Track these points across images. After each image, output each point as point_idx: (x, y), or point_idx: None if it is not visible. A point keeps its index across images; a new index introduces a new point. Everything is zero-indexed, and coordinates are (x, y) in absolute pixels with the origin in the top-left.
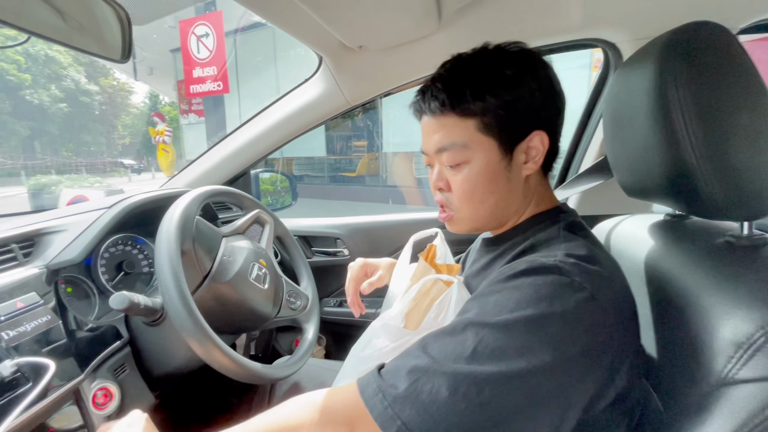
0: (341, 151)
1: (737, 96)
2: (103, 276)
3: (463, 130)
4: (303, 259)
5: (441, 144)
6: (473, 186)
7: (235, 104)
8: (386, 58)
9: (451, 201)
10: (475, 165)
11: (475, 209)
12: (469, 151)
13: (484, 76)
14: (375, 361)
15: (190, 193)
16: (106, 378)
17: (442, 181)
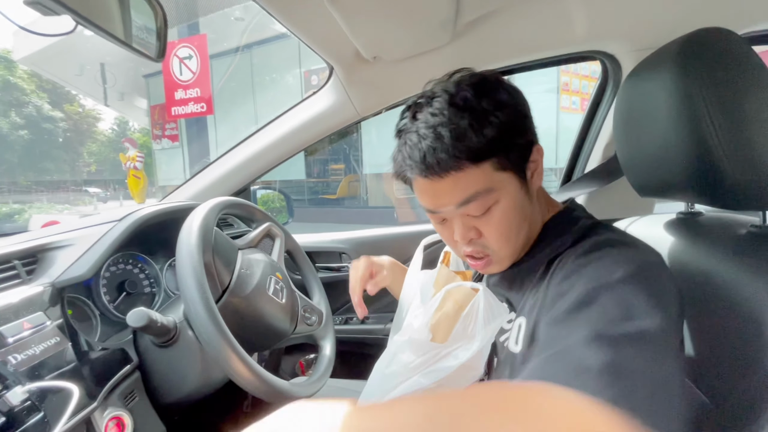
0: (319, 174)
1: (755, 91)
2: (104, 296)
3: (482, 175)
4: (314, 273)
5: (464, 197)
6: (509, 223)
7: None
8: (397, 69)
9: (487, 245)
10: (503, 202)
11: (513, 244)
12: (495, 192)
13: (477, 112)
14: (401, 377)
15: (207, 204)
16: (117, 406)
17: (471, 230)
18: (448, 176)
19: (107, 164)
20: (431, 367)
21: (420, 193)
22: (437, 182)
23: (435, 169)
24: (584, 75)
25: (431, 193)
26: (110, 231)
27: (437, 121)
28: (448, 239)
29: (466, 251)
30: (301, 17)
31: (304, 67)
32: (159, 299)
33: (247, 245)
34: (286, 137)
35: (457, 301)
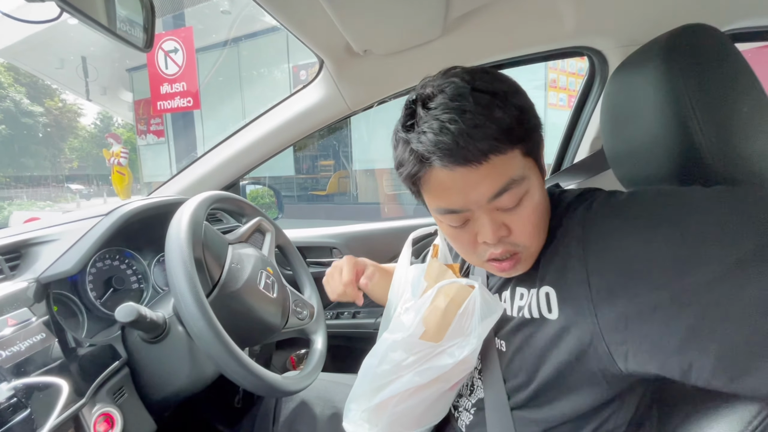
0: (309, 170)
1: (736, 87)
2: (91, 293)
3: (516, 161)
4: (305, 268)
5: (500, 186)
6: (538, 214)
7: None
8: (388, 63)
9: (517, 242)
10: (533, 192)
11: (541, 238)
12: (527, 181)
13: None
14: (393, 375)
15: (196, 198)
16: (106, 403)
17: (501, 227)
18: (487, 162)
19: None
20: (425, 365)
21: (441, 191)
22: (471, 171)
23: (473, 154)
24: (571, 72)
25: (460, 185)
26: (97, 226)
27: (462, 105)
28: (467, 244)
29: (493, 253)
30: (291, 9)
31: (293, 62)
32: (147, 295)
33: (238, 240)
34: (275, 132)
35: (448, 296)
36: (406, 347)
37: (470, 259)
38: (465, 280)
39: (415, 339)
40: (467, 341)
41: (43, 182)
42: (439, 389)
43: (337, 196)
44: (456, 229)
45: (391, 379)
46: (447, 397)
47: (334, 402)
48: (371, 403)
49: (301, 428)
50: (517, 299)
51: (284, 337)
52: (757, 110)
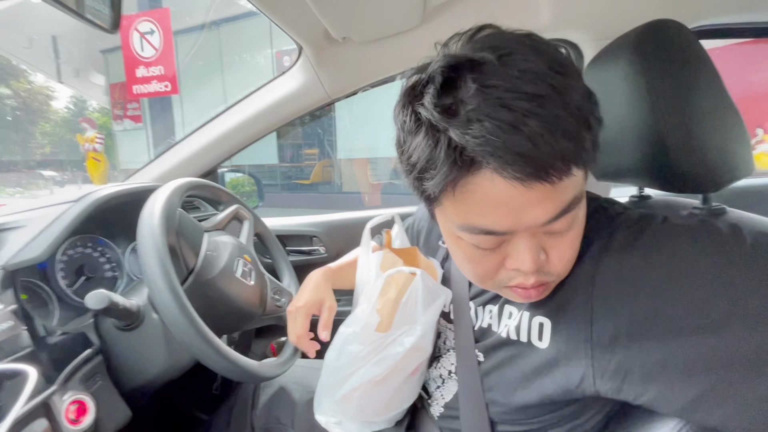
0: (292, 159)
1: (699, 83)
2: (62, 281)
3: (580, 178)
4: (284, 256)
5: (561, 208)
6: (579, 239)
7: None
8: (368, 51)
9: (552, 272)
10: (581, 213)
11: (571, 266)
12: (584, 199)
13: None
14: (353, 367)
15: (170, 184)
16: (78, 390)
17: (541, 253)
18: (563, 180)
19: (63, 146)
20: (380, 355)
21: (485, 207)
22: (537, 187)
23: (553, 166)
24: None
25: (517, 203)
26: (66, 212)
27: (539, 90)
28: (490, 269)
29: (527, 283)
30: None
31: (276, 47)
32: (122, 283)
33: (214, 227)
34: (254, 118)
35: (398, 285)
36: (360, 339)
37: (485, 283)
38: (408, 268)
39: (370, 330)
40: (414, 329)
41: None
42: (399, 377)
43: (321, 185)
44: (481, 251)
45: (351, 371)
46: (411, 382)
47: (312, 388)
48: (337, 395)
49: (280, 414)
50: (505, 317)
51: (262, 325)
52: (718, 106)
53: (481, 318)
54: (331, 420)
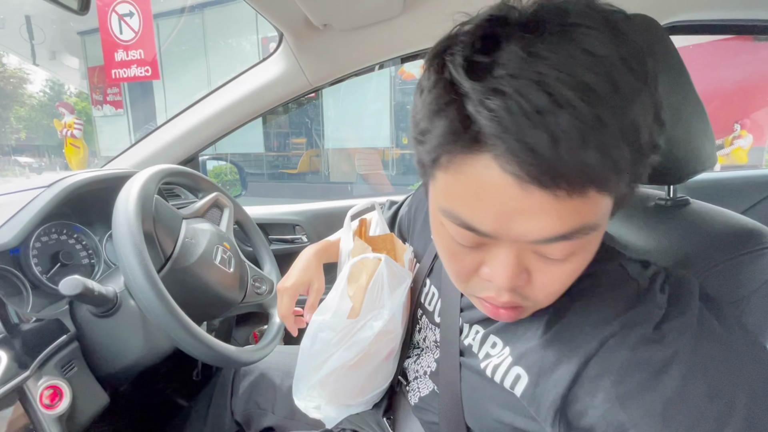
0: (279, 148)
1: (666, 78)
2: (36, 267)
3: (600, 205)
4: (265, 244)
5: (564, 231)
6: (574, 276)
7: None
8: (350, 39)
9: (530, 297)
10: (591, 248)
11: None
12: (596, 233)
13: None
14: (325, 354)
15: (147, 171)
16: (53, 375)
17: (523, 274)
18: (579, 198)
19: (40, 131)
20: (351, 340)
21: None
22: (534, 197)
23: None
24: None
25: (512, 206)
26: (37, 197)
27: (598, 84)
28: (465, 269)
29: (498, 299)
30: None
31: (262, 33)
32: (99, 270)
33: (193, 215)
34: (235, 105)
35: (368, 272)
36: (331, 326)
37: (458, 284)
38: (373, 255)
39: (341, 317)
40: (381, 313)
41: None
42: (373, 361)
43: (308, 175)
44: (459, 247)
45: (324, 357)
46: (386, 366)
47: (292, 374)
48: (314, 380)
49: (260, 399)
50: (488, 345)
51: (242, 312)
52: (684, 101)
53: (466, 333)
54: (309, 405)
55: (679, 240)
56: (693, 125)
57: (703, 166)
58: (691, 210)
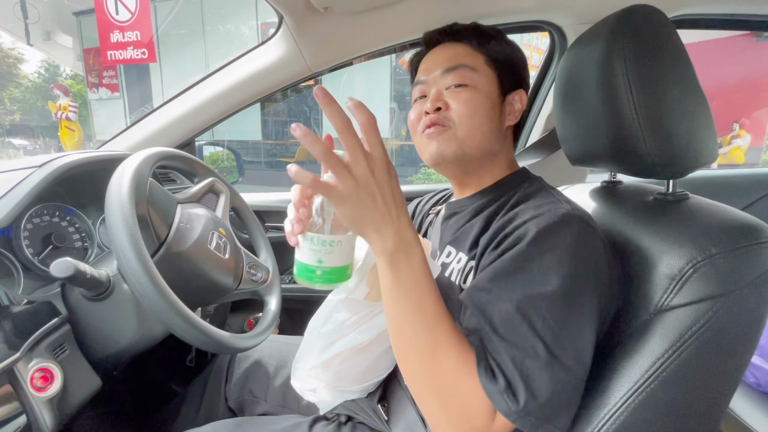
0: (277, 136)
1: (671, 70)
2: (27, 249)
3: (474, 58)
4: (261, 231)
5: (452, 63)
6: (476, 106)
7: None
8: (351, 23)
9: (449, 117)
10: (479, 90)
11: (473, 128)
12: (477, 76)
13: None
14: (338, 335)
15: (141, 153)
16: (44, 358)
17: (440, 101)
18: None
19: (35, 113)
20: (366, 324)
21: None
22: (439, 49)
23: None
24: (543, 50)
25: (430, 58)
26: (28, 178)
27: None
28: (416, 118)
29: (428, 120)
30: None
31: (262, 19)
32: (92, 253)
33: (188, 200)
34: (233, 89)
35: None
36: (349, 307)
37: (415, 134)
38: None
39: (359, 299)
40: None
41: None
42: (380, 347)
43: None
44: (416, 102)
45: (335, 338)
46: (390, 353)
47: (287, 362)
48: (317, 361)
49: (254, 387)
50: (444, 256)
51: (236, 298)
52: (687, 94)
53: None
54: (306, 386)
55: (678, 233)
56: (695, 119)
57: (703, 160)
58: (690, 204)
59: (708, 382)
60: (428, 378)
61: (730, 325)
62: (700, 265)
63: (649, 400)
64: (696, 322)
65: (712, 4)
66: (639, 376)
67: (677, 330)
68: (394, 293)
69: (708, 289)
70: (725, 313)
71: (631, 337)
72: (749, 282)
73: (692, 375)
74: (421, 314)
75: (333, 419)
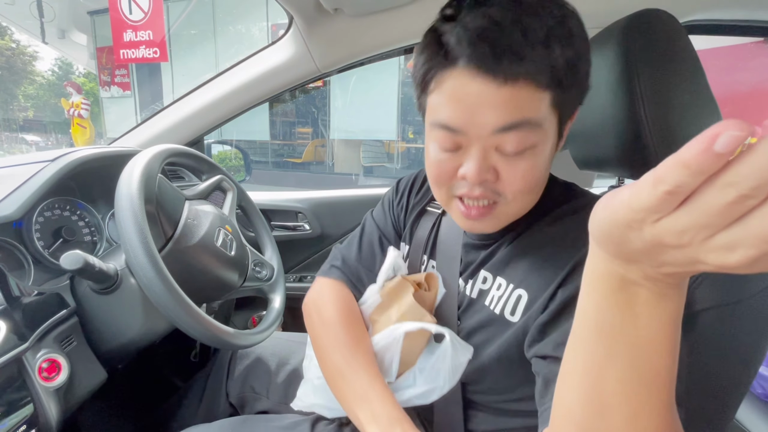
0: (285, 137)
1: (682, 76)
2: (38, 242)
3: (539, 103)
4: (267, 229)
5: (510, 119)
6: (537, 174)
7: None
8: (359, 25)
9: (500, 192)
10: (542, 149)
11: (528, 201)
12: (541, 132)
13: (557, 18)
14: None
15: (151, 150)
16: (52, 349)
17: (490, 171)
18: (514, 84)
19: (48, 110)
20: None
21: (450, 100)
22: (493, 87)
23: (508, 68)
24: None
25: (473, 100)
26: (41, 171)
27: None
28: (445, 174)
29: (469, 193)
30: None
31: (272, 20)
32: (101, 248)
33: (196, 196)
34: (242, 88)
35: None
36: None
37: (440, 192)
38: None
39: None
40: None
41: None
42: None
43: (313, 164)
44: (442, 152)
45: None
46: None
47: (289, 359)
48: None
49: (255, 383)
50: (480, 281)
51: (241, 295)
52: (698, 99)
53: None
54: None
55: None
56: (706, 126)
57: None
58: None
59: (715, 391)
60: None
61: (739, 334)
62: (710, 273)
63: None
64: (705, 330)
65: (724, 10)
66: None
67: (685, 338)
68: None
69: (718, 296)
70: (734, 321)
71: None
72: (759, 290)
73: (699, 383)
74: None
75: (334, 420)
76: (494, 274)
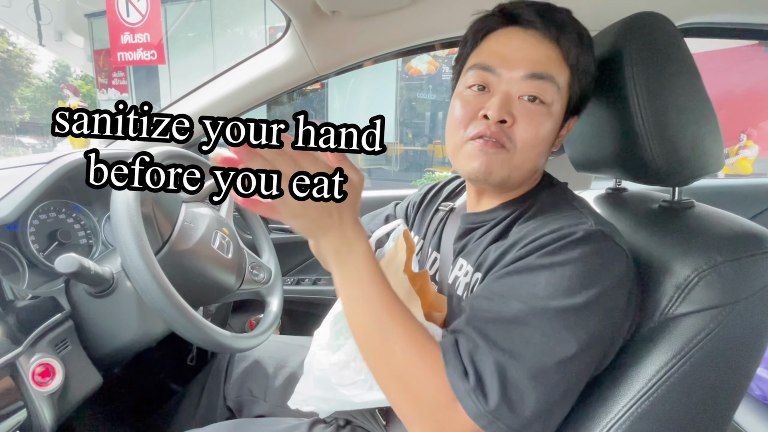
0: None
1: (678, 78)
2: (33, 245)
3: (562, 70)
4: (265, 232)
5: (540, 69)
6: (543, 134)
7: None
8: (357, 27)
9: (512, 136)
10: (551, 113)
11: (530, 159)
12: (557, 96)
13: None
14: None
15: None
16: (46, 353)
17: (509, 115)
18: (547, 40)
19: (44, 113)
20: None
21: (496, 49)
22: (532, 39)
23: (552, 28)
24: None
25: (516, 44)
26: (36, 174)
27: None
28: (468, 113)
29: (484, 131)
30: None
31: (270, 23)
32: (96, 251)
33: (193, 199)
34: (240, 90)
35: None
36: None
37: (456, 136)
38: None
39: None
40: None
41: None
42: None
43: None
44: (471, 91)
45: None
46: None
47: (287, 362)
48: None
49: (253, 387)
50: (456, 269)
51: (238, 298)
52: (694, 103)
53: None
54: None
55: (683, 241)
56: (702, 127)
57: (709, 168)
58: (695, 213)
59: (712, 392)
60: (382, 366)
61: (736, 335)
62: (705, 273)
63: (651, 410)
64: (701, 331)
65: (720, 13)
66: (642, 385)
67: (682, 339)
68: (340, 287)
69: (713, 297)
70: (731, 322)
71: (635, 344)
72: (755, 291)
73: (696, 385)
74: (368, 305)
75: (331, 422)
76: (466, 260)
